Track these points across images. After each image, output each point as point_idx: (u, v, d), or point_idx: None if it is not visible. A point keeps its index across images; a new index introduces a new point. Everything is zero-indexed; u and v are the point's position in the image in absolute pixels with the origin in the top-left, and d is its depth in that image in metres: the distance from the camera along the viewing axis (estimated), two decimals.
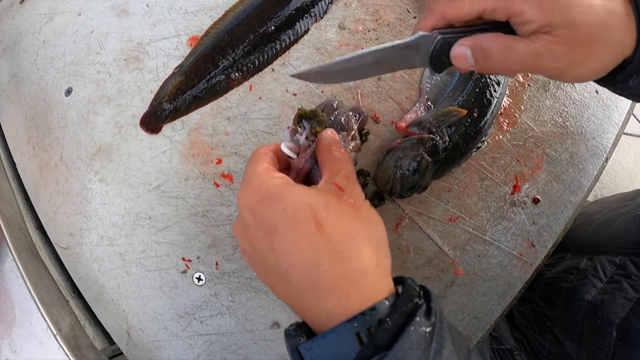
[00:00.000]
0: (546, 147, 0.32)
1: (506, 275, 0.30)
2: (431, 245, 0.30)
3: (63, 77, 0.34)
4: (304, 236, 0.18)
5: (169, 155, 0.30)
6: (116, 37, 0.34)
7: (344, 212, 0.19)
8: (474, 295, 0.30)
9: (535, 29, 0.18)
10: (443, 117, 0.28)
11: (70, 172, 0.32)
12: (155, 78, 0.32)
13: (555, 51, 0.18)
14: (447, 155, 0.28)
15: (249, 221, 0.19)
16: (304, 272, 0.18)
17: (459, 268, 0.30)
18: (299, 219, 0.18)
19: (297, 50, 0.32)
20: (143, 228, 0.30)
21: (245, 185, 0.20)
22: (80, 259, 0.30)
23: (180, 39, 0.33)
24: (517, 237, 0.31)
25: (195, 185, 0.30)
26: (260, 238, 0.19)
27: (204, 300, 0.29)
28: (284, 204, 0.19)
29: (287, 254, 0.18)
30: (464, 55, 0.19)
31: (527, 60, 0.19)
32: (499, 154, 0.32)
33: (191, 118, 0.31)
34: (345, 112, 0.28)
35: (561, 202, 0.32)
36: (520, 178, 0.31)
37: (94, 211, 0.30)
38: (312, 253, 0.18)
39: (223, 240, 0.29)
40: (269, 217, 0.19)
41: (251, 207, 0.19)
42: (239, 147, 0.30)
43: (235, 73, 0.32)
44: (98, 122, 0.32)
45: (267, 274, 0.20)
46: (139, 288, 0.29)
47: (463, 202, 0.30)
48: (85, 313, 0.30)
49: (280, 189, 0.19)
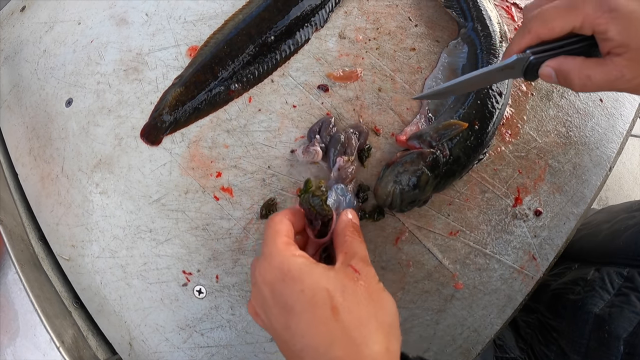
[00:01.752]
0: (549, 158, 0.31)
1: (507, 288, 0.29)
2: (431, 259, 0.29)
3: (63, 87, 0.33)
4: (319, 320, 0.19)
5: (168, 167, 0.30)
6: (115, 47, 0.33)
7: (359, 298, 0.19)
8: (473, 309, 0.29)
9: (612, 47, 0.19)
10: (444, 131, 0.27)
11: (72, 183, 0.31)
12: (155, 89, 0.31)
13: (626, 74, 0.20)
14: (447, 169, 0.27)
15: (267, 296, 0.20)
16: (317, 354, 0.18)
17: (459, 282, 0.29)
18: (317, 302, 0.19)
19: (297, 60, 0.30)
20: (144, 241, 0.29)
21: (265, 259, 0.20)
22: (83, 271, 0.30)
23: (179, 49, 0.32)
24: (518, 250, 0.30)
25: (195, 199, 0.29)
26: (276, 315, 0.19)
27: (204, 313, 0.28)
28: (303, 285, 0.19)
29: (302, 335, 0.19)
30: (550, 75, 0.21)
31: (602, 86, 0.20)
32: (500, 165, 0.31)
33: (191, 130, 0.30)
34: (345, 128, 0.27)
35: (563, 214, 0.31)
36: (522, 190, 0.30)
37: (95, 223, 0.30)
38: (326, 337, 0.18)
39: (223, 253, 0.28)
40: (287, 297, 0.19)
41: (270, 283, 0.20)
42: (238, 160, 0.29)
43: (234, 84, 0.31)
44: (98, 133, 0.31)
45: (283, 346, 0.20)
46: (140, 300, 0.29)
47: (464, 216, 0.29)
48: (87, 324, 0.30)
49: (301, 270, 0.19)
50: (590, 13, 0.19)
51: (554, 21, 0.20)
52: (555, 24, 0.20)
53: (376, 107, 0.30)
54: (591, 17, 0.19)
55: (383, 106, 0.30)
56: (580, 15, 0.20)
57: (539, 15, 0.20)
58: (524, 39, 0.21)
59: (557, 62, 0.21)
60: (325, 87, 0.30)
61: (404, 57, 0.31)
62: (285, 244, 0.20)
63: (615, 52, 0.19)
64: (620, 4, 0.19)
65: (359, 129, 0.28)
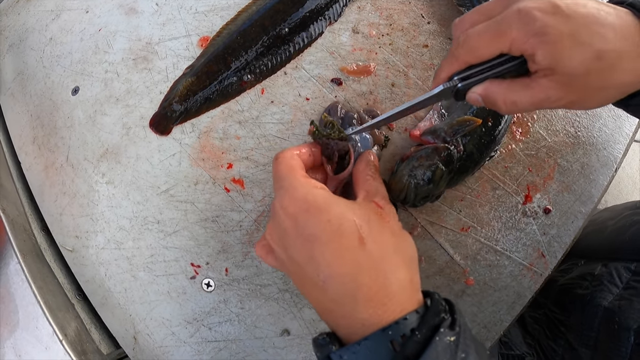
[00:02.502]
0: (558, 157, 0.31)
1: (516, 285, 0.29)
2: (443, 255, 0.28)
3: (70, 75, 0.32)
4: (346, 249, 0.18)
5: (178, 158, 0.29)
6: (124, 36, 0.32)
7: (384, 231, 0.19)
8: (483, 305, 0.28)
9: (538, 69, 0.19)
10: (458, 127, 0.27)
11: (77, 173, 0.30)
12: (165, 79, 0.30)
13: (552, 96, 0.19)
14: (461, 165, 0.27)
15: (289, 228, 0.19)
16: (342, 283, 0.18)
17: (469, 278, 0.28)
18: (344, 232, 0.18)
19: (310, 53, 0.30)
20: (151, 232, 0.28)
21: (287, 192, 0.20)
22: (86, 262, 0.29)
23: (190, 39, 0.31)
24: (527, 248, 0.29)
25: (205, 190, 0.28)
26: (299, 247, 0.19)
27: (212, 307, 0.27)
28: (330, 215, 0.19)
29: (327, 264, 0.18)
30: (477, 100, 0.21)
31: (529, 108, 0.20)
32: (511, 163, 0.30)
33: (201, 121, 0.29)
34: (357, 110, 0.27)
35: (572, 212, 0.30)
36: (532, 188, 0.30)
37: (101, 214, 0.29)
38: (353, 265, 0.18)
39: (233, 246, 0.28)
40: (312, 227, 0.19)
41: (294, 214, 0.19)
42: (250, 151, 0.28)
43: (247, 75, 0.30)
44: (105, 122, 0.30)
45: (302, 281, 0.20)
46: (146, 293, 0.28)
47: (475, 212, 0.29)
48: (91, 317, 0.29)
49: (326, 201, 0.19)
50: (517, 37, 0.18)
51: (481, 49, 0.19)
52: (482, 52, 0.20)
53: (389, 102, 0.29)
54: (518, 41, 0.19)
55: (396, 101, 0.29)
56: (507, 40, 0.19)
57: (466, 43, 0.20)
58: (452, 65, 0.21)
59: (483, 88, 0.20)
60: (338, 80, 0.29)
61: (416, 54, 0.31)
62: (306, 177, 0.20)
63: (542, 73, 0.19)
64: (549, 27, 0.18)
65: (372, 113, 0.27)
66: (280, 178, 0.20)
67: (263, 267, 0.28)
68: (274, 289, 0.27)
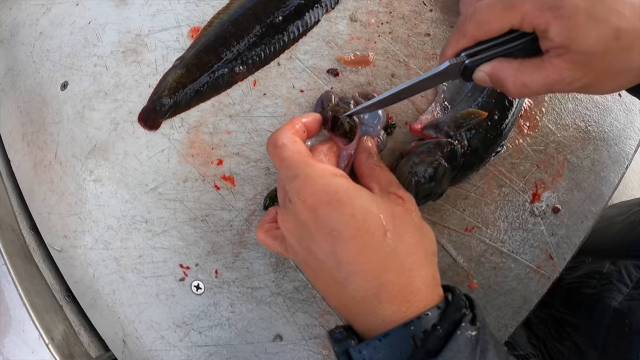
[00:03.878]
0: (567, 153, 0.27)
1: (522, 289, 0.25)
2: (445, 257, 0.25)
3: (59, 70, 0.29)
4: (371, 245, 0.17)
5: (166, 154, 0.25)
6: (114, 29, 0.28)
7: (408, 226, 0.18)
8: (488, 310, 0.25)
9: (551, 47, 0.17)
10: (462, 120, 0.24)
11: (65, 170, 0.27)
12: (154, 72, 0.27)
13: (565, 77, 0.17)
14: (465, 161, 0.24)
15: (308, 221, 0.17)
16: (365, 280, 0.17)
17: (473, 281, 0.25)
18: (369, 227, 0.17)
19: (306, 43, 0.26)
20: (139, 232, 0.25)
21: (304, 183, 0.17)
22: (75, 263, 0.26)
23: (180, 30, 0.27)
24: (535, 249, 0.26)
25: (194, 188, 0.25)
26: (319, 241, 0.17)
27: (202, 310, 0.24)
28: (354, 209, 0.17)
29: (350, 261, 0.17)
30: (484, 80, 0.19)
31: (540, 90, 0.17)
32: (518, 159, 0.26)
33: (191, 115, 0.26)
34: (352, 95, 0.23)
35: (581, 212, 0.27)
36: (541, 186, 0.26)
37: (89, 212, 0.26)
38: (378, 263, 0.17)
39: (223, 247, 0.24)
40: (335, 221, 0.17)
41: (314, 207, 0.17)
42: (241, 147, 0.25)
43: (239, 66, 0.26)
44: (94, 118, 0.27)
45: (319, 275, 0.18)
46: (134, 295, 0.25)
47: (480, 211, 0.25)
48: (80, 318, 0.26)
49: (349, 192, 0.17)
50: (530, 11, 0.16)
51: (491, 23, 0.17)
52: (492, 26, 0.17)
53: None
54: (530, 15, 0.16)
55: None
56: (518, 14, 0.16)
57: (475, 17, 0.17)
58: (459, 42, 0.18)
59: (491, 66, 0.18)
60: (335, 71, 0.26)
61: (418, 43, 0.27)
62: (320, 163, 0.18)
63: (555, 52, 0.16)
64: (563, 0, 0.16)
65: (368, 96, 0.24)
66: (291, 166, 0.18)
67: (254, 269, 0.24)
68: (266, 292, 0.24)
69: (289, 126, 0.19)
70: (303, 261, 0.18)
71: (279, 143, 0.18)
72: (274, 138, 0.19)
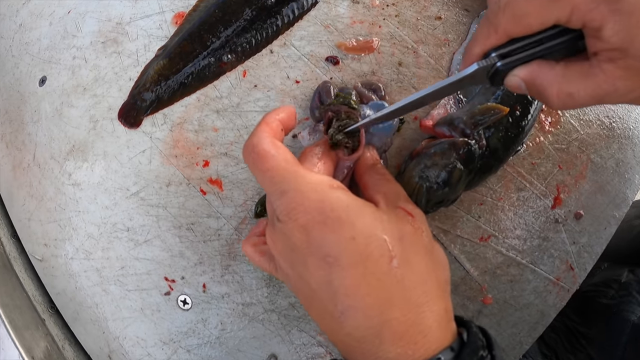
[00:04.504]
0: (591, 152, 0.21)
1: (540, 303, 0.20)
2: (458, 269, 0.19)
3: (37, 64, 0.23)
4: (373, 274, 0.13)
5: (148, 155, 0.19)
6: (94, 17, 0.22)
7: (418, 248, 0.14)
8: (502, 327, 0.20)
9: (604, 49, 0.12)
10: (481, 117, 0.18)
11: (43, 173, 0.21)
12: (135, 63, 0.21)
13: (620, 87, 0.12)
14: (483, 164, 0.19)
15: (300, 243, 0.13)
16: (366, 316, 0.13)
17: (487, 296, 0.19)
18: (371, 253, 0.13)
19: (301, 27, 0.20)
20: (121, 241, 0.19)
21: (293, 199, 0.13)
22: (56, 273, 0.21)
23: (164, 16, 0.21)
24: (555, 259, 0.20)
25: (178, 192, 0.19)
26: (313, 267, 0.13)
27: (190, 327, 0.19)
28: (354, 231, 0.13)
29: (348, 293, 0.13)
30: (519, 87, 0.14)
31: (588, 102, 0.13)
32: (539, 159, 0.20)
33: (174, 111, 0.19)
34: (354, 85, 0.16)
35: (604, 217, 0.21)
36: (563, 189, 0.20)
37: (68, 219, 0.20)
38: (381, 297, 0.13)
39: (211, 258, 0.19)
40: (331, 246, 0.13)
41: (307, 227, 0.13)
42: (229, 146, 0.19)
43: (227, 55, 0.20)
44: (72, 115, 0.21)
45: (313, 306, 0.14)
46: (118, 309, 0.19)
47: (496, 218, 0.19)
48: (64, 331, 0.21)
49: (349, 210, 0.13)
50: (582, 3, 0.11)
51: (531, 15, 0.12)
52: (532, 20, 0.12)
53: (396, 85, 0.19)
54: (582, 8, 0.11)
55: (404, 83, 0.19)
56: (567, 5, 0.12)
57: (510, 8, 0.12)
58: (489, 39, 0.13)
59: (529, 71, 0.13)
60: (334, 59, 0.19)
61: (428, 27, 0.20)
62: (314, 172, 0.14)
63: (607, 56, 0.12)
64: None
65: (373, 86, 0.17)
66: (278, 179, 0.13)
67: (245, 284, 0.19)
68: (258, 309, 0.19)
69: (265, 127, 0.14)
70: (295, 287, 0.14)
71: (259, 150, 0.13)
72: (251, 145, 0.14)
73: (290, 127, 0.15)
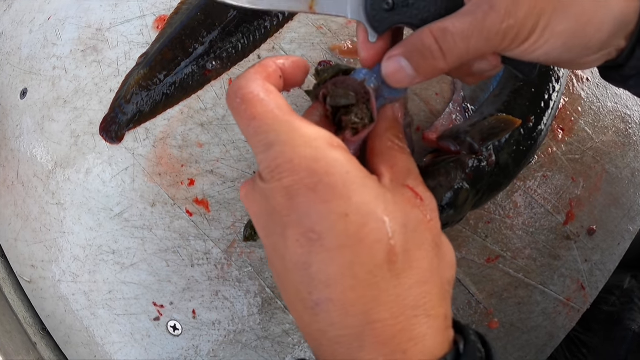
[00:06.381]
0: (606, 162, 0.18)
1: (549, 325, 0.17)
2: (462, 293, 0.17)
3: (18, 75, 0.20)
4: (363, 265, 0.09)
5: (131, 173, 0.16)
6: (74, 23, 0.20)
7: (424, 241, 0.10)
8: (509, 351, 0.17)
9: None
10: (490, 130, 0.15)
11: (27, 192, 0.18)
12: (116, 72, 0.18)
13: (495, 4, 0.09)
14: (492, 182, 0.15)
15: (280, 209, 0.10)
16: (346, 314, 0.09)
17: (494, 320, 0.17)
18: (365, 237, 0.09)
19: (292, 29, 0.16)
20: (107, 264, 0.17)
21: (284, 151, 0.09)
22: (45, 295, 0.19)
23: (145, 20, 0.18)
24: (565, 279, 0.18)
25: (163, 213, 0.16)
26: (291, 241, 0.09)
27: (181, 354, 0.17)
28: (350, 206, 0.09)
29: (328, 282, 0.09)
30: (399, 68, 0.10)
31: (473, 42, 0.09)
32: (551, 171, 0.17)
33: (156, 125, 0.17)
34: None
35: (618, 232, 0.18)
36: (576, 203, 0.17)
37: (54, 240, 0.18)
38: (368, 292, 0.09)
39: (200, 283, 0.16)
40: (317, 218, 0.09)
41: (291, 189, 0.09)
42: (215, 163, 0.16)
43: (211, 62, 0.17)
44: (53, 130, 0.19)
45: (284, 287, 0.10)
46: (108, 333, 0.17)
47: (505, 237, 0.17)
48: (57, 354, 0.20)
49: (347, 177, 0.09)
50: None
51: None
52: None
53: None
54: None
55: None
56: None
57: None
58: None
59: (402, 45, 0.10)
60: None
61: None
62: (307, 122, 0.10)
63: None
64: None
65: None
66: (265, 128, 0.10)
67: (237, 310, 0.16)
68: (251, 336, 0.16)
69: (260, 69, 0.10)
70: (269, 258, 0.11)
71: (246, 93, 0.10)
72: (236, 86, 0.10)
73: (295, 80, 0.11)
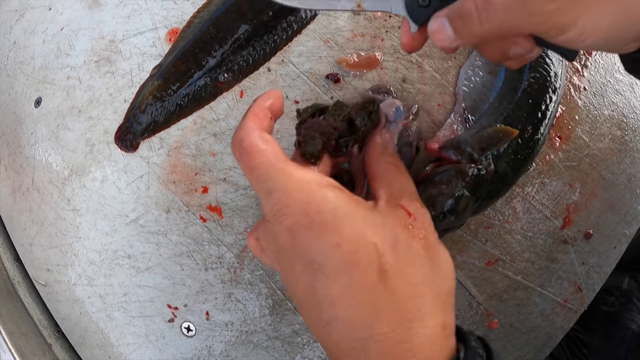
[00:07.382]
0: (602, 168, 0.19)
1: (547, 325, 0.18)
2: (463, 295, 0.18)
3: (32, 84, 0.21)
4: (359, 286, 0.11)
5: (146, 181, 0.18)
6: (87, 34, 0.21)
7: (415, 255, 0.12)
8: (508, 350, 0.18)
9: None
10: (489, 140, 0.16)
11: (43, 198, 0.19)
12: (130, 84, 0.19)
13: None
14: (491, 189, 0.17)
15: (287, 246, 0.12)
16: (352, 329, 0.11)
17: (494, 320, 0.18)
18: (358, 262, 0.11)
19: (300, 43, 0.18)
20: (122, 268, 0.18)
21: (279, 200, 0.11)
22: (60, 298, 0.20)
23: (157, 32, 0.19)
24: (563, 281, 0.19)
25: (178, 220, 0.17)
26: (299, 272, 0.12)
27: (195, 354, 0.18)
28: (341, 237, 0.11)
29: (332, 304, 0.11)
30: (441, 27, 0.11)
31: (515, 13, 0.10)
32: (548, 178, 0.18)
33: (170, 134, 0.18)
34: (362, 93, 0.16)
35: (615, 236, 0.19)
36: (573, 208, 0.18)
37: (69, 245, 0.19)
38: (367, 309, 0.11)
39: (213, 286, 0.17)
40: (315, 252, 0.11)
41: (292, 229, 0.11)
42: (227, 171, 0.17)
43: (223, 74, 0.19)
44: (68, 139, 0.20)
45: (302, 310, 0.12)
46: (123, 335, 0.18)
47: (504, 241, 0.18)
48: (71, 355, 0.21)
49: (336, 213, 0.11)
50: None
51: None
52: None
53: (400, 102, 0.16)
54: None
55: (408, 101, 0.18)
56: None
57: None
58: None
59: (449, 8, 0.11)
60: (335, 76, 0.17)
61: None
62: (299, 168, 0.12)
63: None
64: None
65: (381, 89, 0.15)
66: (264, 177, 0.12)
67: (248, 311, 0.17)
68: (262, 336, 0.17)
69: (253, 118, 0.12)
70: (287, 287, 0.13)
71: (246, 145, 0.12)
72: (238, 139, 0.12)
73: (279, 113, 0.13)
